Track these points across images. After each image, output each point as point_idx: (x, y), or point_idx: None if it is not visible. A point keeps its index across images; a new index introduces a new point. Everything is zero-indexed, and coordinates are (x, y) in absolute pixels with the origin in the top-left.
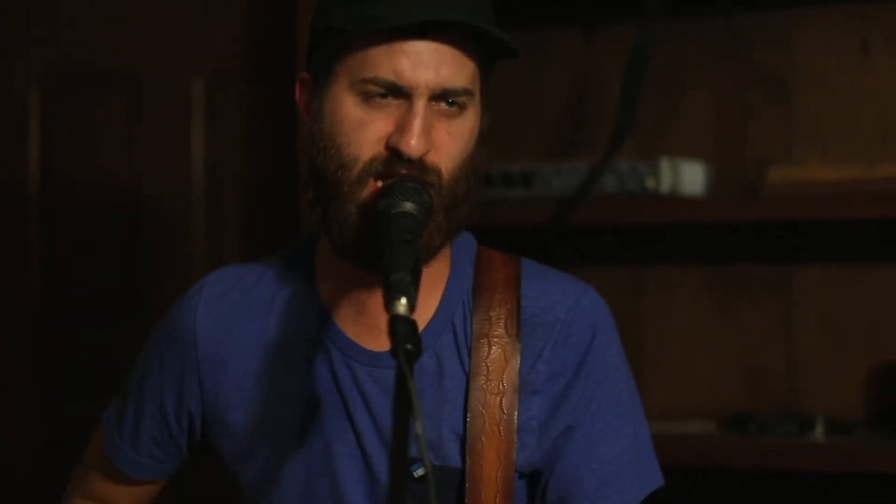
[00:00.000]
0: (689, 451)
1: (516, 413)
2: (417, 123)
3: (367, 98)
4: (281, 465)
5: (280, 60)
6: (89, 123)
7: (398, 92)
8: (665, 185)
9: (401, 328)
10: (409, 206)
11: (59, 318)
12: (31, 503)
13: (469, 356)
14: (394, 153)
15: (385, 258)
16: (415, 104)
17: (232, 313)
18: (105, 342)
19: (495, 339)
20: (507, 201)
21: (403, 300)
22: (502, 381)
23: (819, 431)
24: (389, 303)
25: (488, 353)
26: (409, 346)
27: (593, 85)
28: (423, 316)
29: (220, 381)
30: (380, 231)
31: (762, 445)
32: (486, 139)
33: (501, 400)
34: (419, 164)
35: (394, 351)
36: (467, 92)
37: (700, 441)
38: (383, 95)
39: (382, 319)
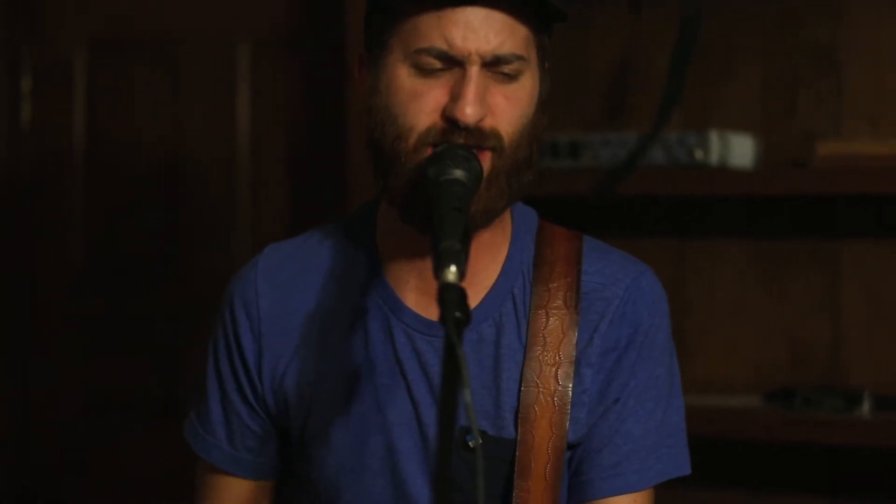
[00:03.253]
0: (734, 424)
1: (571, 385)
2: (471, 90)
3: (420, 69)
4: (337, 433)
5: (326, 26)
6: (134, 88)
7: (451, 61)
8: (714, 157)
9: (450, 296)
10: (458, 173)
11: (101, 282)
12: (70, 466)
13: (527, 327)
14: (450, 122)
15: (434, 226)
16: (468, 71)
17: (290, 284)
18: (146, 306)
19: (554, 311)
20: (554, 171)
21: (453, 268)
22: (559, 352)
23: (866, 406)
24: (439, 270)
25: (546, 324)
26: (458, 314)
27: (640, 55)
28: (483, 285)
29: (282, 352)
30: (430, 198)
31: (808, 420)
32: (547, 106)
33: (557, 371)
34: (476, 131)
35: (443, 318)
36: (520, 58)
37: (745, 415)
38: (437, 67)
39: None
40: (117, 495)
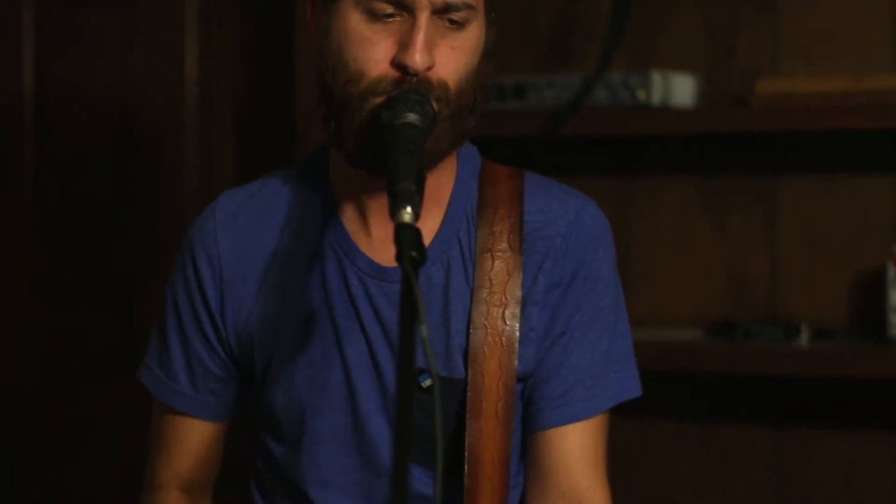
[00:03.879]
0: (677, 357)
1: (518, 324)
2: (420, 38)
3: (372, 14)
4: (299, 372)
5: None
6: (83, 36)
7: (401, 6)
8: (656, 98)
9: (406, 236)
10: (412, 116)
11: (52, 230)
12: (34, 421)
13: (474, 270)
14: (400, 69)
15: (389, 168)
16: (418, 19)
17: (248, 230)
18: (98, 252)
19: (498, 253)
20: (499, 113)
21: (409, 208)
22: (504, 293)
23: (804, 337)
24: (395, 211)
25: (492, 267)
26: (413, 254)
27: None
28: (429, 229)
29: (244, 296)
30: (383, 141)
31: (749, 351)
32: (493, 54)
33: (504, 312)
34: (425, 81)
35: (399, 257)
36: (468, 6)
37: (688, 348)
38: (388, 11)
39: (392, 232)
40: (73, 442)
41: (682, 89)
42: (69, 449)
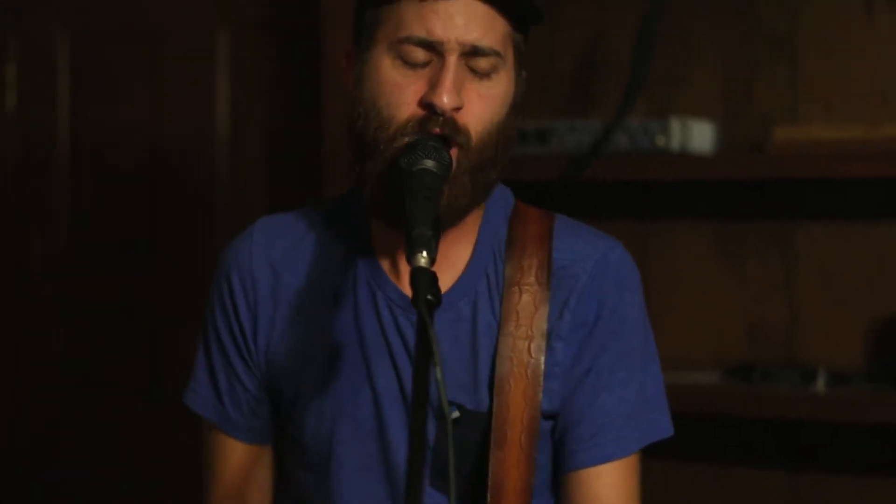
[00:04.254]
0: (696, 400)
1: (543, 358)
2: (448, 77)
3: (403, 60)
4: (328, 401)
5: (304, 13)
6: (116, 77)
7: (431, 49)
8: (675, 143)
9: (421, 280)
10: (429, 163)
11: (85, 265)
12: (57, 445)
13: (501, 303)
14: (428, 109)
15: (407, 213)
16: (447, 60)
17: (284, 257)
18: (129, 288)
19: (526, 287)
20: (521, 157)
21: (424, 253)
22: (531, 327)
23: (821, 382)
24: (411, 256)
25: (519, 300)
26: (429, 297)
27: (606, 44)
28: (458, 266)
29: (274, 321)
30: (402, 188)
31: (766, 395)
32: (520, 110)
33: (530, 345)
34: (451, 123)
35: (414, 301)
36: (496, 53)
37: (705, 391)
38: (419, 57)
39: None
40: (101, 471)
41: (700, 136)
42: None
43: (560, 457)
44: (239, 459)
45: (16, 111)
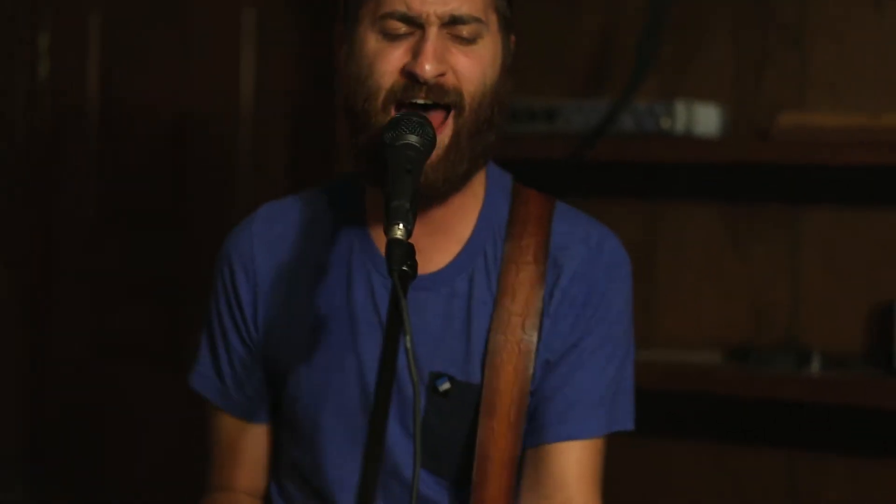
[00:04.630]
0: (694, 380)
1: (536, 333)
2: (428, 47)
3: (386, 34)
4: (320, 374)
5: None
6: (145, 47)
7: (412, 22)
8: (679, 126)
9: (396, 250)
10: (412, 138)
11: (112, 233)
12: (81, 410)
13: (497, 279)
14: (411, 78)
15: (387, 186)
16: (427, 31)
17: (283, 238)
18: (155, 258)
19: (524, 265)
20: (530, 136)
21: (401, 225)
22: (526, 303)
23: (815, 365)
24: (388, 227)
25: (516, 277)
26: (405, 268)
27: (621, 25)
28: (457, 242)
29: (276, 302)
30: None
31: (761, 377)
32: (512, 70)
33: (524, 321)
34: (437, 87)
35: (389, 271)
36: (477, 20)
37: (703, 371)
38: (400, 30)
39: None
40: (126, 438)
41: (706, 119)
42: (117, 436)
43: (529, 430)
44: (237, 436)
45: (48, 80)
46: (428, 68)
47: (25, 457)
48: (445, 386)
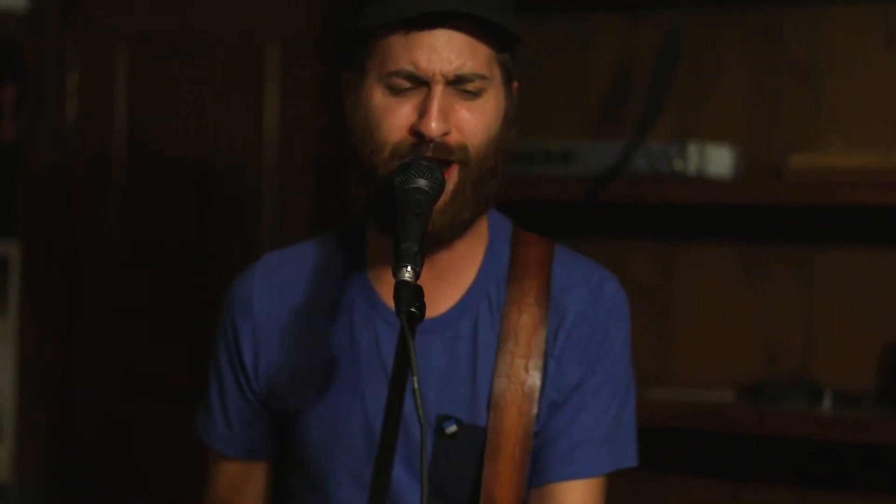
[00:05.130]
0: (707, 418)
1: (539, 375)
2: (434, 107)
3: (392, 89)
4: (326, 420)
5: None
6: (171, 89)
7: (418, 81)
8: (692, 168)
9: (404, 292)
10: (421, 182)
11: (139, 272)
12: (109, 445)
13: (501, 322)
14: (417, 136)
15: (396, 229)
16: (432, 90)
17: (283, 285)
18: (179, 295)
19: (526, 307)
20: (546, 177)
21: (409, 267)
22: (529, 345)
23: (826, 403)
24: (396, 270)
25: (518, 320)
26: (412, 309)
27: (636, 67)
28: (461, 286)
29: (276, 348)
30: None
31: (772, 414)
32: (515, 121)
33: (527, 363)
34: (442, 145)
35: (398, 313)
36: (481, 77)
37: (717, 409)
38: (406, 87)
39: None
40: (150, 474)
41: (718, 159)
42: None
43: (535, 469)
44: (239, 476)
45: (77, 120)
46: (434, 126)
47: (50, 490)
48: (452, 429)
